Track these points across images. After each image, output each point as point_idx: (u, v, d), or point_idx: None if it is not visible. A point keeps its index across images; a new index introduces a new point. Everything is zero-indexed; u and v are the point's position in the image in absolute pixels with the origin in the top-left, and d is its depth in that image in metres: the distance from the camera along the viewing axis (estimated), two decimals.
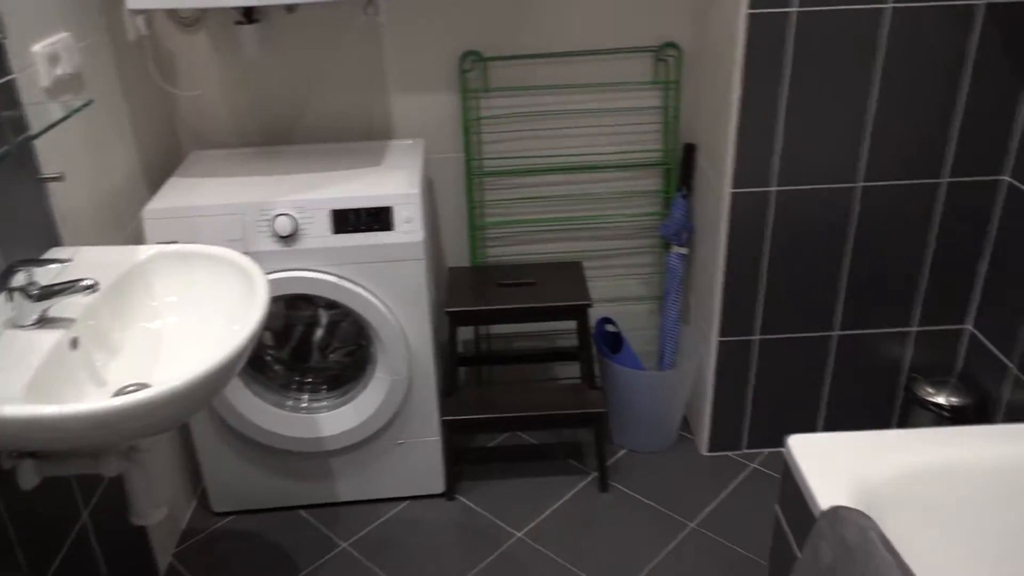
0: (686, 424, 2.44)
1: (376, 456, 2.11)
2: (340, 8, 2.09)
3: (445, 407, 2.12)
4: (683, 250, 2.23)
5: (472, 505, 2.17)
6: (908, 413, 2.23)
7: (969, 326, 2.18)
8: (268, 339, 2.18)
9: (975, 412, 2.09)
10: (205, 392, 1.22)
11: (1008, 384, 2.02)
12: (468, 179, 2.27)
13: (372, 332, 1.93)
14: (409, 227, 1.85)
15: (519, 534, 2.08)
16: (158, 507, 1.48)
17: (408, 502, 2.19)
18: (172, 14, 2.05)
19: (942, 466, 1.50)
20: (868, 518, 1.33)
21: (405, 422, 2.07)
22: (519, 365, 2.54)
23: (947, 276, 2.11)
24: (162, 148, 2.12)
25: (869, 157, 1.96)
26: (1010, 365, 2.01)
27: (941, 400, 2.12)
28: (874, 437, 1.55)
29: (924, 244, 2.07)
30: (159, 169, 2.08)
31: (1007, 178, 1.99)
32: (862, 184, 1.98)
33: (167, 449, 2.07)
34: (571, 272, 2.23)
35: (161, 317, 1.50)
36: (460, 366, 2.45)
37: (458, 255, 2.38)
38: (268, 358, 2.16)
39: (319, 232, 1.84)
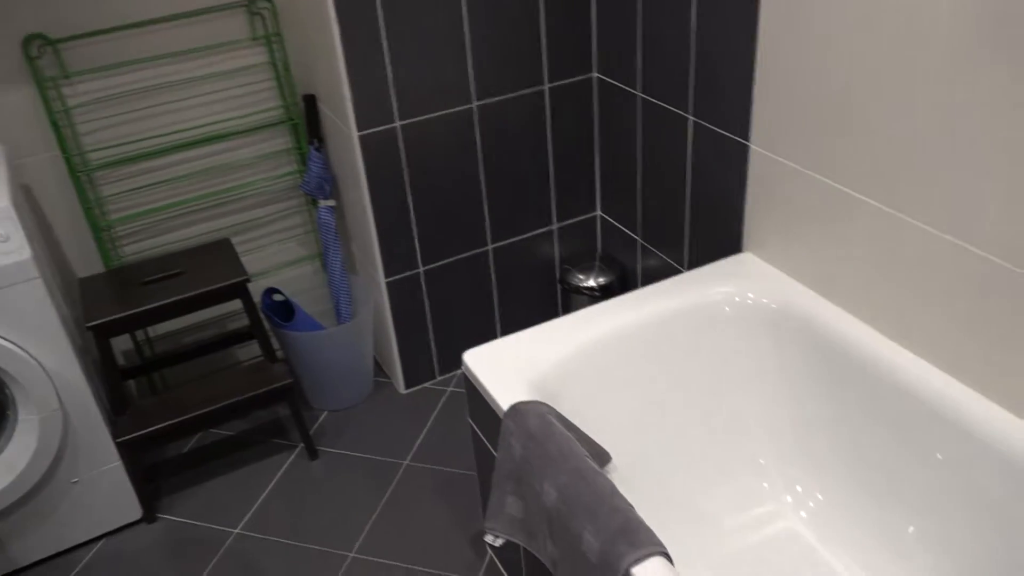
0: (380, 370, 2.47)
1: (52, 504, 1.88)
2: None
3: (117, 428, 1.93)
4: (330, 202, 2.21)
5: (178, 519, 2.03)
6: (568, 301, 2.45)
7: (598, 212, 2.43)
8: None
9: (620, 285, 2.35)
10: None
11: (638, 255, 2.29)
12: (73, 178, 2.03)
13: (1, 372, 1.69)
14: (10, 246, 1.62)
15: (237, 530, 1.98)
16: None
17: (104, 540, 1.99)
18: None
19: (598, 337, 1.66)
20: (544, 405, 1.45)
21: (74, 458, 1.86)
22: (194, 360, 2.39)
23: (571, 172, 2.32)
24: None
25: (476, 76, 2.06)
26: (637, 238, 2.27)
27: (591, 283, 2.35)
28: (538, 331, 1.68)
29: (545, 148, 2.24)
30: None
31: (595, 75, 2.21)
32: (477, 103, 2.09)
33: None
34: (220, 251, 2.11)
35: None
36: (127, 379, 2.23)
37: (87, 262, 2.14)
38: None
39: None
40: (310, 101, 2.16)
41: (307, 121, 2.18)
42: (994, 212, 1.27)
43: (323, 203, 2.20)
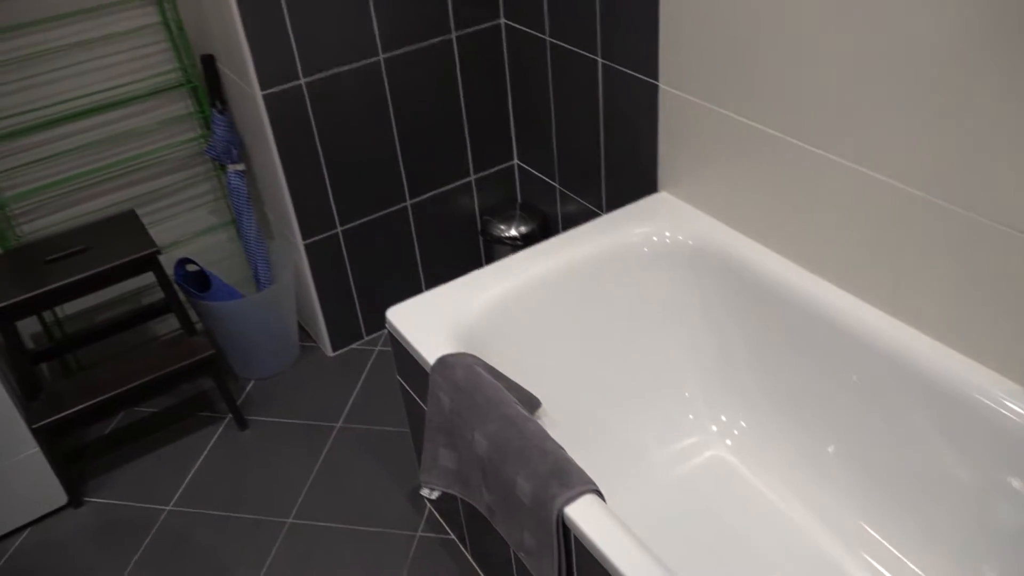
0: (305, 334, 2.43)
1: None
2: None
3: (31, 414, 1.85)
4: (239, 167, 2.14)
5: (107, 501, 1.98)
6: (491, 252, 2.44)
7: (516, 161, 2.42)
8: None
9: (541, 233, 2.36)
10: None
11: (558, 201, 2.30)
12: None
13: None
14: None
15: (169, 507, 1.94)
16: None
17: (30, 528, 1.93)
18: None
19: (521, 285, 1.67)
20: (471, 356, 1.45)
21: None
22: (108, 339, 2.31)
23: (486, 122, 2.30)
24: None
25: (380, 27, 2.00)
26: (555, 185, 2.27)
27: (512, 233, 2.35)
28: (461, 283, 1.67)
29: (457, 98, 2.21)
30: None
31: (503, 21, 2.18)
32: (383, 56, 2.04)
33: None
34: (126, 224, 2.03)
35: None
36: (38, 363, 2.15)
37: None
38: None
39: None
40: (208, 62, 2.08)
41: (207, 83, 2.09)
42: (902, 141, 1.31)
43: (232, 168, 2.13)
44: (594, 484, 1.20)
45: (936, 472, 1.42)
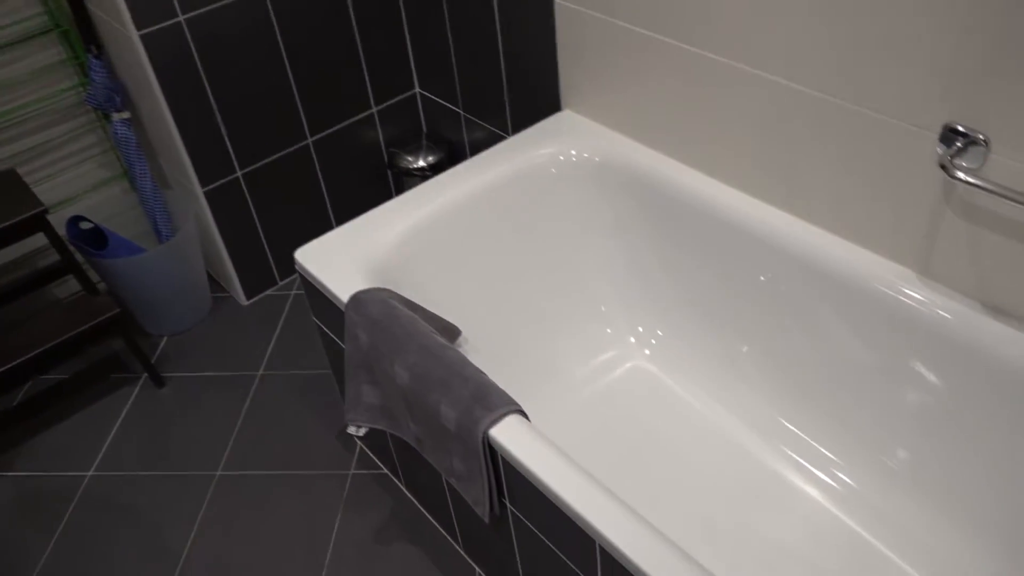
0: (217, 285, 2.36)
1: None
2: None
3: None
4: (124, 114, 2.03)
5: (24, 473, 1.91)
6: (401, 185, 2.40)
7: (417, 90, 2.36)
8: None
9: (450, 161, 2.32)
10: None
11: (463, 128, 2.26)
12: None
13: None
14: None
15: (90, 473, 1.89)
16: None
17: None
18: None
19: (431, 215, 1.64)
20: (385, 290, 1.43)
21: None
22: (5, 307, 2.20)
23: (382, 51, 2.22)
24: None
25: None
26: (459, 111, 2.23)
27: (420, 163, 2.31)
28: (369, 218, 1.63)
29: (350, 27, 2.13)
30: None
31: None
32: None
33: None
34: (7, 184, 1.91)
35: None
36: None
37: None
38: None
39: None
40: (76, 3, 1.94)
41: (78, 26, 1.95)
42: (789, 42, 1.32)
43: (116, 116, 2.02)
44: (517, 405, 1.21)
45: (843, 362, 1.48)
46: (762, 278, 1.55)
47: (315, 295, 1.57)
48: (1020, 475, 1.30)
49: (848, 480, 1.52)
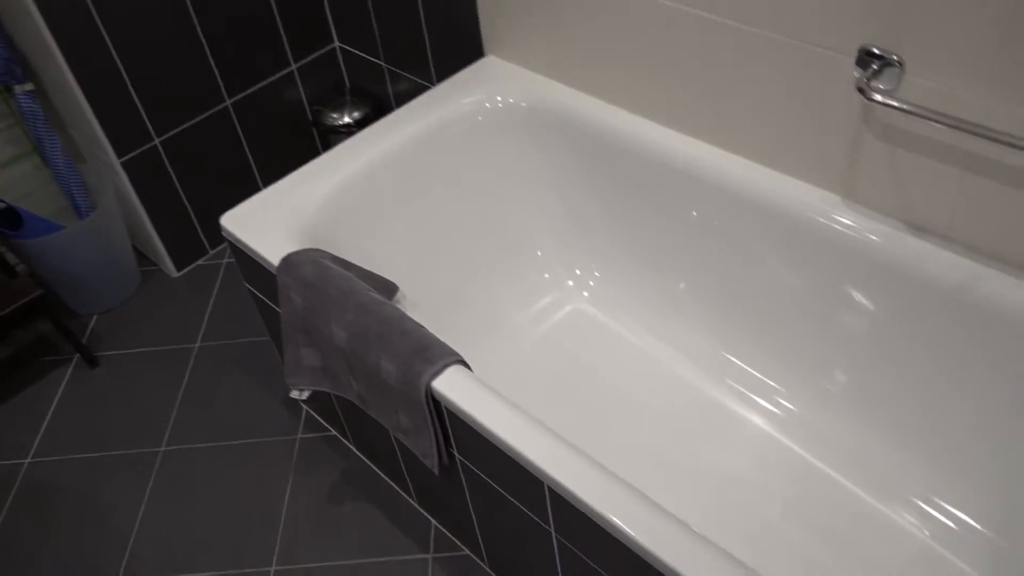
0: (145, 258, 2.29)
1: None
2: None
3: None
4: (27, 86, 1.92)
5: None
6: (328, 143, 2.35)
7: (337, 44, 2.30)
8: None
9: (375, 115, 2.27)
10: None
11: (387, 81, 2.21)
12: None
13: None
14: None
15: (28, 460, 1.84)
16: None
17: None
18: None
19: (358, 171, 1.61)
20: (317, 250, 1.41)
21: None
22: None
23: (297, 4, 2.15)
24: None
25: None
26: (381, 64, 2.18)
27: (346, 119, 2.25)
28: (296, 178, 1.59)
29: None
30: None
31: None
32: None
33: None
34: None
35: None
36: None
37: None
38: None
39: None
40: None
41: None
42: None
43: (19, 89, 1.91)
44: (457, 355, 1.21)
45: (779, 291, 1.51)
46: (694, 213, 1.56)
47: (245, 261, 1.53)
48: (945, 389, 1.35)
49: (790, 406, 1.57)
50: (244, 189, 2.29)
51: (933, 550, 1.36)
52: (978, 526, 1.36)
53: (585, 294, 1.82)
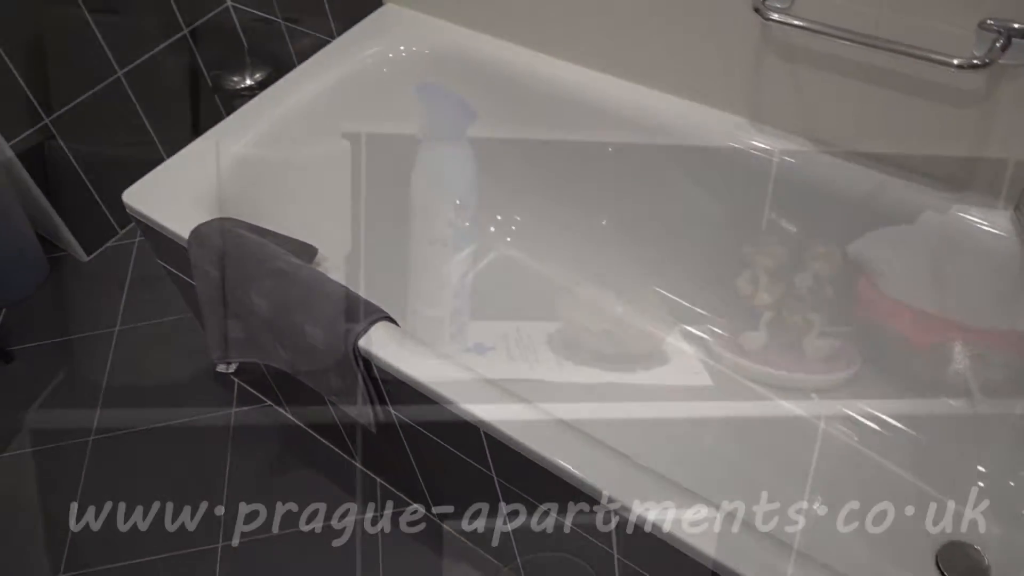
0: (51, 245, 2.19)
1: None
2: None
3: None
4: None
5: None
6: (232, 108, 2.26)
7: (229, 3, 2.20)
8: None
9: (278, 75, 2.19)
10: None
11: (286, 38, 2.13)
12: None
13: None
14: None
15: None
16: None
17: None
18: None
19: (265, 133, 1.55)
20: (227, 219, 1.37)
21: None
22: None
23: None
24: None
25: None
26: (277, 19, 2.10)
27: (248, 82, 2.17)
28: (198, 146, 1.53)
29: None
30: None
31: None
32: None
33: None
34: None
35: None
36: None
37: None
38: None
39: None
40: None
41: None
42: None
43: None
44: (383, 312, 1.20)
45: (701, 221, 1.53)
46: (610, 149, 1.56)
47: (155, 237, 1.48)
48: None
49: (722, 333, 1.60)
50: (149, 164, 2.18)
51: (860, 452, 1.43)
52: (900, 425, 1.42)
53: (508, 239, 1.81)
